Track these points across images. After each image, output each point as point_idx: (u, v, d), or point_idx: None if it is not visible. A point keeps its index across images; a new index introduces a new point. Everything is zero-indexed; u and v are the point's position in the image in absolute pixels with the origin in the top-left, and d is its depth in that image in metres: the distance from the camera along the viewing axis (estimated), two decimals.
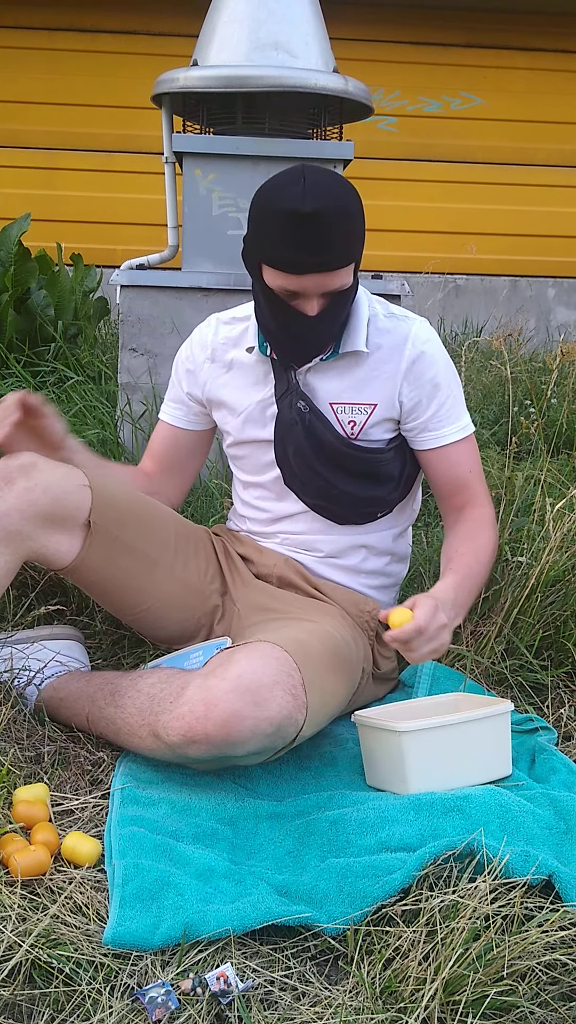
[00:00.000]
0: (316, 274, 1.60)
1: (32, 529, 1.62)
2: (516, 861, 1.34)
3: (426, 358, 1.77)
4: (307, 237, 1.56)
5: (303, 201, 1.54)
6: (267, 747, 1.48)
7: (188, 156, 2.75)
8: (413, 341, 1.76)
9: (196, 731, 1.45)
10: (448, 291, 5.83)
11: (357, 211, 1.63)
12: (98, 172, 5.66)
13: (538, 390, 3.44)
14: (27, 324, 3.57)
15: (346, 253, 1.61)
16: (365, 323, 1.76)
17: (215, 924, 1.26)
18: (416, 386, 1.77)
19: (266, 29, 2.76)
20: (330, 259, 1.59)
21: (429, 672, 1.95)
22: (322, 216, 1.55)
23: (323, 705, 1.57)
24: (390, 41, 5.76)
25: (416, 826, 1.42)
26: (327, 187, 1.58)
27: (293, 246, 1.57)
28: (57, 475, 1.66)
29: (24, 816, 1.45)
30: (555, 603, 2.05)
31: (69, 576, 1.80)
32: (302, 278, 1.61)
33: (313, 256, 1.58)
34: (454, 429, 1.81)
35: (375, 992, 1.18)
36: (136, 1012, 1.15)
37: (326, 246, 1.58)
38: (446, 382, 1.79)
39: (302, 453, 1.78)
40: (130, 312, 2.73)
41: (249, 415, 1.84)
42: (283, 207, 1.56)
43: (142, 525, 1.78)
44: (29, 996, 1.16)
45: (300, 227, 1.56)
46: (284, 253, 1.59)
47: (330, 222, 1.56)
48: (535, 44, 5.87)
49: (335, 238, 1.58)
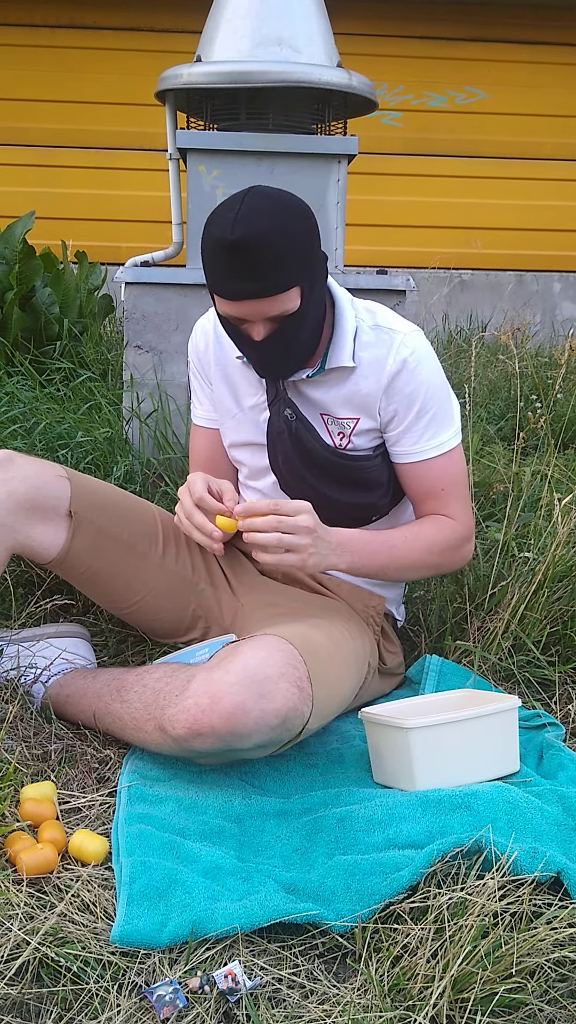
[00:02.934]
0: (252, 300, 1.57)
1: (14, 520, 1.66)
2: (524, 858, 1.33)
3: (405, 373, 1.71)
4: (237, 265, 1.54)
5: (232, 229, 1.52)
6: (273, 740, 1.48)
7: (192, 152, 2.74)
8: (394, 356, 1.71)
9: (202, 724, 1.45)
10: (453, 286, 5.82)
11: (298, 234, 1.57)
12: (102, 169, 5.66)
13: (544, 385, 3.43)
14: (32, 322, 3.57)
15: (281, 279, 1.56)
16: (351, 337, 1.72)
17: (223, 922, 1.25)
18: (393, 400, 1.73)
19: (270, 24, 2.75)
20: (263, 286, 1.56)
21: (436, 668, 1.95)
22: (249, 244, 1.52)
23: (328, 698, 1.57)
24: (394, 36, 5.74)
25: (424, 823, 1.41)
26: (264, 212, 1.54)
27: (225, 274, 1.56)
28: (34, 467, 1.71)
29: (31, 814, 1.45)
30: (562, 599, 2.04)
31: (58, 570, 1.81)
32: (239, 304, 1.59)
33: (245, 283, 1.56)
34: (430, 446, 1.75)
35: (383, 990, 1.18)
36: (144, 1010, 1.15)
37: (257, 273, 1.54)
38: (426, 396, 1.72)
39: (290, 460, 1.79)
40: (135, 309, 2.73)
41: (243, 419, 1.84)
42: (214, 234, 1.55)
43: (125, 517, 1.80)
44: (37, 994, 1.16)
45: (229, 255, 1.54)
46: (218, 280, 1.58)
47: (259, 249, 1.52)
48: (539, 38, 5.85)
49: (266, 265, 1.54)
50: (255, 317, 1.61)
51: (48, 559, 1.74)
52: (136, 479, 2.54)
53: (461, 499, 1.79)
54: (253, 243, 1.52)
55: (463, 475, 1.80)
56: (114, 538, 1.77)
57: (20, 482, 1.67)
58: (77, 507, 1.72)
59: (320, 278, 1.66)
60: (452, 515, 1.78)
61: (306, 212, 1.61)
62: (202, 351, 1.88)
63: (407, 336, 1.73)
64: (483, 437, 3.11)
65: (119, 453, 2.62)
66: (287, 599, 1.82)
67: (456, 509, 1.79)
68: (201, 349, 1.88)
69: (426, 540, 1.76)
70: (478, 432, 3.05)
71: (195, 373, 1.92)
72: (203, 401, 1.94)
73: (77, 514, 1.72)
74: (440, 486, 1.77)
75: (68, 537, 1.73)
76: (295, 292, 1.59)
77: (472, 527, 1.82)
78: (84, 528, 1.74)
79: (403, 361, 1.71)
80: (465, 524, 1.80)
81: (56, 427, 2.68)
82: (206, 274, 1.61)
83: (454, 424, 1.77)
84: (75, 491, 1.73)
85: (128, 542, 1.79)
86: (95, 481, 1.82)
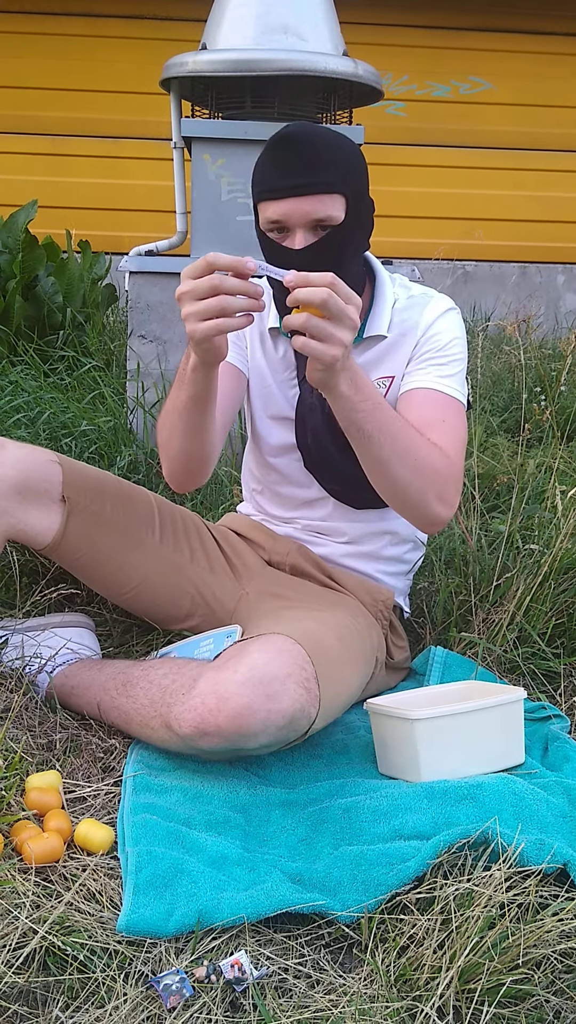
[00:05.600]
0: (296, 198, 1.55)
1: (7, 504, 1.67)
2: (531, 849, 1.33)
3: (439, 322, 1.75)
4: (287, 159, 1.55)
5: (287, 128, 1.56)
6: (279, 740, 1.48)
7: (197, 141, 2.73)
8: (431, 310, 1.75)
9: (208, 723, 1.44)
10: (457, 277, 5.80)
11: (350, 148, 1.59)
12: (106, 158, 5.64)
13: (549, 377, 3.43)
14: (35, 311, 3.56)
15: (330, 178, 1.55)
16: (390, 307, 1.75)
17: (229, 911, 1.25)
18: (422, 342, 1.75)
19: (275, 12, 2.73)
20: (310, 181, 1.54)
21: (441, 660, 1.95)
22: (302, 137, 1.54)
23: (335, 697, 1.57)
24: (398, 25, 5.72)
25: (429, 814, 1.41)
26: (321, 127, 1.59)
27: (275, 169, 1.56)
28: (24, 452, 1.71)
29: (37, 803, 1.45)
30: (567, 591, 2.04)
31: (54, 556, 1.81)
32: (283, 203, 1.56)
33: (292, 177, 1.55)
34: (443, 383, 1.70)
35: (390, 980, 1.18)
36: (150, 999, 1.15)
37: (306, 168, 1.54)
38: (449, 343, 1.74)
39: (319, 437, 1.77)
40: (139, 299, 2.72)
41: (273, 391, 1.83)
42: (269, 140, 1.57)
43: (120, 502, 1.80)
44: (44, 983, 1.16)
45: (282, 149, 1.55)
46: (266, 177, 1.58)
47: (311, 144, 1.54)
48: (545, 28, 5.83)
49: (316, 161, 1.54)
50: (297, 220, 1.57)
51: (43, 544, 1.75)
52: (140, 469, 2.53)
53: (457, 451, 1.67)
54: (305, 138, 1.55)
55: (463, 437, 1.71)
56: (109, 523, 1.77)
57: (11, 467, 1.67)
58: (70, 492, 1.73)
59: (366, 217, 1.65)
60: (443, 445, 1.64)
61: (360, 152, 1.63)
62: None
63: (442, 299, 1.78)
64: (487, 429, 3.11)
65: (123, 443, 2.62)
66: (295, 592, 1.81)
67: (450, 450, 1.65)
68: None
69: (419, 445, 1.60)
70: (482, 424, 3.04)
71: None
72: (234, 345, 1.85)
73: (70, 499, 1.73)
74: (441, 417, 1.68)
75: (62, 522, 1.73)
76: (340, 201, 1.58)
77: (457, 489, 1.67)
78: (78, 513, 1.74)
79: (438, 314, 1.75)
80: (454, 474, 1.65)
81: (60, 416, 2.68)
82: (254, 186, 1.61)
83: (465, 391, 1.75)
84: (67, 476, 1.73)
85: (123, 528, 1.79)
86: (88, 467, 1.82)
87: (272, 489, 1.91)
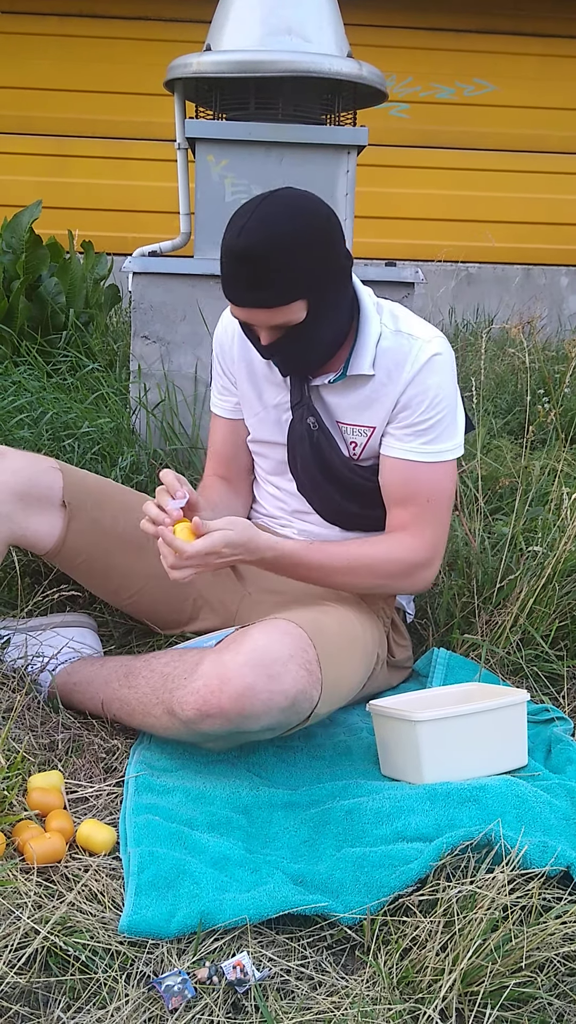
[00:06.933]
0: (255, 309, 1.57)
1: (10, 509, 1.68)
2: (534, 852, 1.33)
3: (422, 374, 1.67)
4: (242, 274, 1.53)
5: (238, 236, 1.51)
6: (281, 722, 1.48)
7: (201, 142, 2.73)
8: (413, 360, 1.67)
9: (211, 705, 1.44)
10: (460, 279, 5.80)
11: (308, 246, 1.53)
12: (110, 159, 5.64)
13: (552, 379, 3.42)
14: (38, 312, 3.56)
15: (283, 293, 1.53)
16: (374, 344, 1.68)
17: (231, 913, 1.25)
18: (405, 398, 1.69)
19: (279, 14, 2.73)
20: (264, 297, 1.54)
21: (444, 662, 1.94)
22: (251, 255, 1.50)
23: (338, 682, 1.57)
24: (403, 27, 5.72)
25: (432, 816, 1.41)
26: (275, 221, 1.51)
27: (231, 279, 1.55)
28: (25, 459, 1.74)
29: (39, 803, 1.44)
30: (571, 593, 2.03)
31: (56, 561, 1.82)
32: (241, 311, 1.58)
33: (248, 292, 1.55)
34: (427, 450, 1.69)
35: (392, 982, 1.18)
36: (152, 1000, 1.14)
37: (260, 284, 1.53)
38: (435, 398, 1.67)
39: (308, 467, 1.78)
40: (142, 299, 2.72)
41: (265, 417, 1.83)
42: (225, 239, 1.54)
43: (120, 508, 1.81)
44: (45, 983, 1.16)
45: (235, 263, 1.53)
46: (226, 284, 1.57)
47: (262, 260, 1.50)
48: (548, 30, 5.82)
49: (269, 277, 1.52)
50: (259, 324, 1.60)
51: (45, 549, 1.77)
52: (143, 470, 2.53)
53: (439, 518, 1.71)
54: (255, 254, 1.50)
55: (450, 495, 1.73)
56: (109, 529, 1.78)
57: (12, 474, 1.69)
58: (70, 497, 1.75)
59: (337, 288, 1.61)
60: (421, 533, 1.70)
61: (323, 222, 1.56)
62: (227, 345, 1.87)
63: (427, 343, 1.68)
64: (490, 431, 3.10)
65: (126, 443, 2.61)
66: (297, 588, 1.82)
67: (427, 528, 1.70)
68: (226, 343, 1.87)
69: (372, 562, 1.69)
70: (485, 426, 3.04)
71: (218, 364, 1.91)
72: (225, 395, 1.92)
73: (71, 504, 1.74)
74: (425, 496, 1.70)
75: (63, 527, 1.75)
76: (299, 305, 1.56)
77: (438, 553, 1.72)
78: (79, 518, 1.75)
79: (421, 364, 1.67)
80: (430, 547, 1.70)
81: (62, 417, 2.67)
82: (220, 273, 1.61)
83: (456, 438, 1.72)
84: (67, 482, 1.75)
85: (124, 533, 1.79)
86: (88, 474, 1.84)
87: (273, 494, 1.92)
